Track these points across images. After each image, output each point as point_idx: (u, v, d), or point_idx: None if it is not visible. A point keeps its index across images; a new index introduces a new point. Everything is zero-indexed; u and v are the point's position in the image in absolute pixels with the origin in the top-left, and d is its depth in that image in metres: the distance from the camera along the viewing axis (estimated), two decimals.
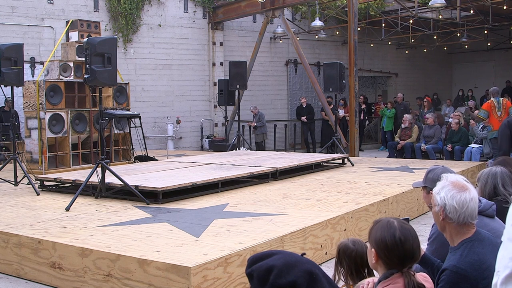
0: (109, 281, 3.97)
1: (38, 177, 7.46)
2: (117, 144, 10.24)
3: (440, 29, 17.35)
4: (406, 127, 12.73)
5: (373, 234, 2.28)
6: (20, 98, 10.56)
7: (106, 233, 4.62)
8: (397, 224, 2.25)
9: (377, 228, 2.28)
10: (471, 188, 2.43)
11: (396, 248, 2.20)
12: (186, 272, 3.57)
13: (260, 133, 14.56)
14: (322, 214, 5.28)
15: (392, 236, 2.21)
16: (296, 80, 17.64)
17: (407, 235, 2.22)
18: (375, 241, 2.25)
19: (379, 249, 2.24)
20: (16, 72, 7.36)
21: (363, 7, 15.69)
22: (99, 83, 6.37)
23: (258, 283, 1.46)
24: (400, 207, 6.45)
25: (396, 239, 2.20)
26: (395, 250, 2.20)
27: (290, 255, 1.50)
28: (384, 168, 8.97)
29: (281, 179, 7.75)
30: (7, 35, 12.11)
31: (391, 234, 2.21)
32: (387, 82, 21.08)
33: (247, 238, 4.31)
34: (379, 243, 2.23)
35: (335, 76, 10.02)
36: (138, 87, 14.20)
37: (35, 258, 4.48)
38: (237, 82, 11.90)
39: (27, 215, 5.49)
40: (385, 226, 2.25)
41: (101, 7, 13.74)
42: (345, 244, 2.85)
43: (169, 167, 8.03)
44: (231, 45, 16.13)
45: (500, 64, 21.48)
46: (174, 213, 5.45)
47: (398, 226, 2.24)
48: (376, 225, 2.30)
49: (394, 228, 2.23)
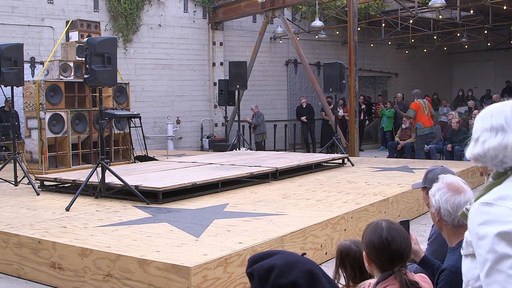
0: (109, 281, 3.97)
1: (38, 177, 7.46)
2: (117, 144, 10.24)
3: (440, 29, 17.35)
4: (406, 127, 12.73)
5: (364, 237, 2.30)
6: (20, 98, 10.56)
7: (106, 233, 4.62)
8: (385, 225, 2.26)
9: (367, 231, 2.30)
10: (467, 190, 2.41)
11: (383, 248, 2.21)
12: (186, 272, 3.57)
13: (259, 133, 14.56)
14: (322, 214, 5.28)
15: (379, 237, 2.22)
16: (296, 80, 17.64)
17: (394, 235, 2.22)
18: (365, 243, 2.28)
19: (369, 251, 2.26)
20: (16, 72, 7.36)
21: (363, 7, 15.69)
22: (99, 83, 6.37)
23: (259, 282, 1.47)
24: (400, 207, 6.45)
25: (383, 239, 2.21)
26: (382, 250, 2.21)
27: (290, 255, 1.50)
28: (384, 168, 8.97)
29: (281, 179, 7.75)
30: (7, 35, 12.11)
31: (378, 235, 2.23)
32: (387, 82, 21.08)
33: (247, 238, 4.31)
34: (368, 245, 2.26)
35: (335, 76, 10.02)
36: (138, 87, 14.20)
37: (35, 258, 4.49)
38: (237, 82, 11.90)
39: (27, 215, 5.49)
40: (373, 228, 2.28)
41: (101, 7, 13.74)
42: (347, 246, 2.75)
43: (169, 167, 8.03)
44: (231, 45, 16.13)
45: (500, 64, 21.49)
46: (174, 213, 5.45)
47: (386, 227, 2.25)
48: (367, 228, 2.32)
49: (381, 229, 2.25)
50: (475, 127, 1.70)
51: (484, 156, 1.64)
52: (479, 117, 1.70)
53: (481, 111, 1.72)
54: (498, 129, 1.61)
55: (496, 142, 1.60)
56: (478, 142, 1.66)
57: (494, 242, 1.49)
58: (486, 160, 1.64)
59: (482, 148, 1.64)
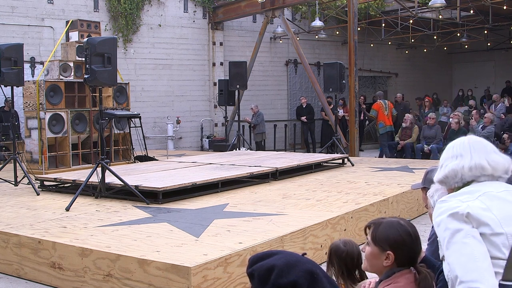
0: (109, 281, 3.97)
1: (38, 177, 7.46)
2: (117, 144, 10.24)
3: (440, 29, 17.35)
4: (406, 127, 12.73)
5: (383, 236, 2.23)
6: (20, 98, 10.56)
7: (106, 233, 4.62)
8: (403, 222, 2.28)
9: (386, 230, 2.24)
10: None
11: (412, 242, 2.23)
12: (186, 272, 3.57)
13: (258, 133, 14.57)
14: (322, 214, 5.28)
15: (407, 232, 2.23)
16: (296, 80, 17.64)
17: (415, 230, 2.27)
18: (391, 242, 2.21)
19: (397, 249, 2.21)
20: (16, 72, 7.36)
21: (363, 7, 15.69)
22: (99, 83, 6.36)
23: (259, 282, 1.47)
24: (400, 207, 6.45)
25: (412, 234, 2.23)
26: (412, 244, 2.23)
27: (291, 255, 1.50)
28: (384, 168, 8.97)
29: (281, 179, 7.75)
30: (7, 35, 12.11)
31: (405, 231, 2.22)
32: (387, 82, 21.07)
33: (247, 238, 4.31)
34: (398, 243, 2.21)
35: (335, 76, 10.02)
36: (138, 87, 14.20)
37: (35, 258, 4.48)
38: (237, 82, 11.90)
39: (27, 215, 5.49)
40: (396, 226, 2.24)
41: (101, 7, 13.74)
42: (336, 245, 2.92)
43: (169, 167, 8.03)
44: (231, 45, 16.13)
45: (500, 64, 21.48)
46: (174, 213, 5.45)
47: (406, 223, 2.27)
48: (382, 228, 2.25)
49: (402, 225, 2.24)
50: (441, 158, 2.14)
51: (446, 178, 2.08)
52: (445, 150, 2.15)
53: (446, 146, 2.17)
54: (457, 156, 2.07)
55: (455, 164, 2.05)
56: (441, 168, 2.11)
57: (447, 222, 1.88)
58: (449, 180, 2.08)
59: (444, 171, 2.09)
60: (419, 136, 12.57)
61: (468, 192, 1.96)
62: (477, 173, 2.01)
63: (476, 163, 2.01)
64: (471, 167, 2.01)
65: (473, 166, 2.01)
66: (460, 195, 1.96)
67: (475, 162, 2.02)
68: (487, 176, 2.02)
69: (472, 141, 2.08)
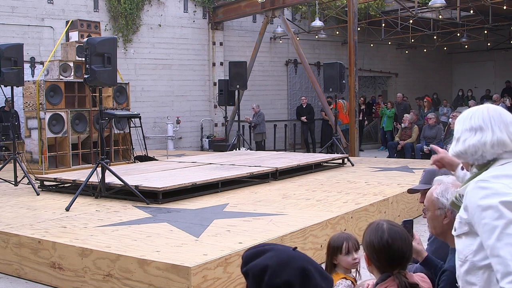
0: (109, 281, 3.97)
1: (38, 177, 7.46)
2: (117, 144, 10.24)
3: (440, 29, 17.34)
4: (406, 127, 12.72)
5: (364, 238, 2.28)
6: (20, 98, 10.56)
7: (106, 233, 4.62)
8: (386, 226, 2.24)
9: (367, 232, 2.28)
10: None
11: (384, 250, 2.19)
12: (186, 272, 3.57)
13: (258, 133, 14.57)
14: (322, 214, 5.28)
15: (379, 239, 2.20)
16: (296, 80, 17.64)
17: (395, 237, 2.20)
18: (365, 245, 2.27)
19: (369, 253, 2.25)
20: (16, 72, 7.36)
21: (363, 7, 15.69)
22: (99, 83, 6.37)
23: (254, 282, 1.49)
24: (400, 207, 6.45)
25: (384, 241, 2.19)
26: (382, 252, 2.20)
27: (282, 252, 1.52)
28: (384, 168, 8.97)
29: (281, 179, 7.75)
30: (7, 35, 12.10)
31: (378, 237, 2.21)
32: (387, 82, 21.08)
33: (247, 238, 4.31)
34: (368, 246, 2.24)
35: (335, 76, 10.02)
36: (138, 87, 14.20)
37: (35, 258, 4.49)
38: (237, 82, 11.90)
39: (27, 215, 5.49)
40: (374, 229, 2.25)
41: (101, 7, 13.74)
42: (332, 237, 3.04)
43: (169, 167, 8.03)
44: (231, 45, 16.13)
45: (500, 64, 21.48)
46: (174, 213, 5.45)
47: (387, 229, 2.22)
48: (367, 229, 2.30)
49: (382, 231, 2.22)
50: (456, 128, 1.98)
51: (465, 153, 1.93)
52: (460, 119, 1.98)
53: (461, 114, 2.01)
54: (477, 129, 1.90)
55: (475, 140, 1.89)
56: (459, 141, 1.95)
57: (501, 210, 1.72)
58: (467, 156, 1.93)
59: (463, 146, 1.92)
60: (419, 136, 12.58)
61: (509, 176, 1.80)
62: (499, 150, 1.87)
63: (499, 138, 1.87)
64: (493, 144, 1.87)
65: (495, 142, 1.87)
66: (503, 178, 1.79)
67: (497, 137, 1.87)
68: (508, 152, 1.88)
69: (491, 111, 1.92)
